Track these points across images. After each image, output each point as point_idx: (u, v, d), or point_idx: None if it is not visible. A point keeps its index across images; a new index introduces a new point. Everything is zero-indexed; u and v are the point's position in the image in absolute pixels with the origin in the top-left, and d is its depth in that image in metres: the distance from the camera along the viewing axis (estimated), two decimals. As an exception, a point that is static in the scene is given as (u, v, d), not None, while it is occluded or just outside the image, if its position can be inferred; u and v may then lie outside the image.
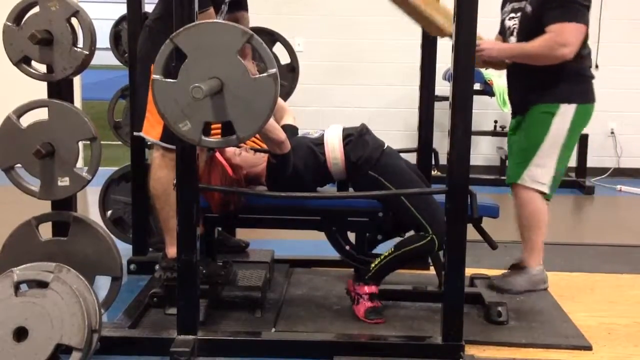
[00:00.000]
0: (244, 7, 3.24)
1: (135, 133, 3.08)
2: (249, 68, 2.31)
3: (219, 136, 2.67)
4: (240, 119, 2.27)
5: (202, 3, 2.71)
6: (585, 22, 3.04)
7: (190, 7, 2.41)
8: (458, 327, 2.57)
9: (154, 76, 2.27)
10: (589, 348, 2.81)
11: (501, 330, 2.94)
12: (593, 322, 3.06)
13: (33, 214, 2.72)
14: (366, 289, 2.96)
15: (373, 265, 2.96)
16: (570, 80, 3.09)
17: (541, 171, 3.09)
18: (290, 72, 3.82)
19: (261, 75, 2.25)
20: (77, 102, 5.60)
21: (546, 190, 3.10)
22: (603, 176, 6.26)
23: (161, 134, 2.86)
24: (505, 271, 3.33)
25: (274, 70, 2.24)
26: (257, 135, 5.70)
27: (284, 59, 3.73)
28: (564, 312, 3.13)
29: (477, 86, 5.50)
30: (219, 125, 2.77)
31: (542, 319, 3.06)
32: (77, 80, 4.60)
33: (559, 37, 2.95)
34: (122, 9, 3.62)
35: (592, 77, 3.19)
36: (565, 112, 3.07)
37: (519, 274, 3.25)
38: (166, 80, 2.27)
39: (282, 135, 2.83)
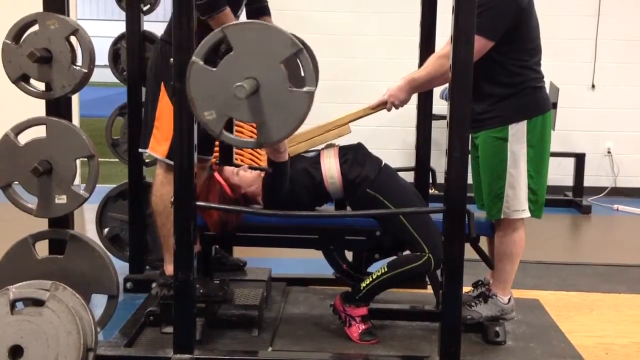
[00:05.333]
0: (268, 13, 3.22)
1: (140, 150, 3.07)
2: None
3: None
4: (266, 125, 2.27)
5: (216, 4, 2.71)
6: (491, 36, 2.76)
7: (189, 15, 2.42)
8: (456, 346, 2.55)
9: (194, 58, 2.27)
10: (587, 368, 2.81)
11: (499, 351, 2.93)
12: (591, 342, 3.06)
13: (30, 232, 2.71)
14: (358, 311, 2.95)
15: (364, 285, 2.93)
16: (514, 95, 2.87)
17: (517, 198, 2.91)
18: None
19: (298, 89, 2.26)
20: (75, 119, 5.60)
21: (528, 214, 2.94)
22: (600, 195, 6.28)
23: (167, 152, 2.86)
24: (470, 291, 3.18)
25: (312, 89, 2.25)
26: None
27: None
28: (561, 332, 3.13)
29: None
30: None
31: (539, 339, 3.05)
32: (75, 98, 4.59)
33: (447, 53, 2.58)
34: (121, 27, 3.64)
35: (540, 86, 2.93)
36: (517, 133, 2.88)
37: (487, 304, 3.04)
38: (205, 66, 2.27)
39: (285, 145, 2.82)
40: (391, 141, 6.13)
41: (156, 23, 3.54)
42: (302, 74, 2.27)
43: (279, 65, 2.24)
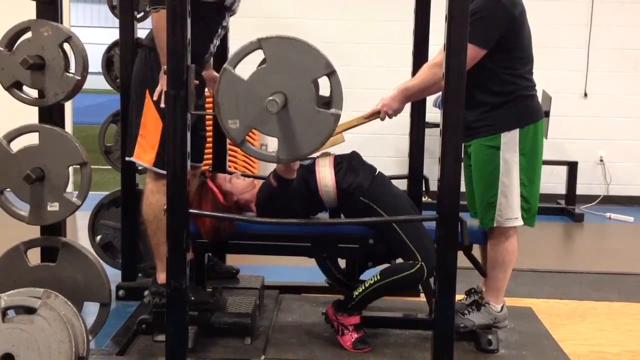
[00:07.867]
0: None
1: (127, 158, 3.06)
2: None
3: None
4: (287, 141, 2.29)
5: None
6: (483, 45, 2.78)
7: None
8: (449, 355, 2.55)
9: (226, 65, 2.28)
10: (579, 376, 2.81)
11: (491, 359, 2.93)
12: (584, 350, 3.06)
13: (22, 239, 2.70)
14: (350, 319, 2.94)
15: (357, 293, 2.92)
16: (507, 104, 2.88)
17: (509, 206, 2.91)
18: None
19: (325, 110, 2.27)
20: (68, 126, 5.60)
21: (521, 222, 2.94)
22: (592, 204, 6.30)
23: (154, 159, 2.86)
24: (463, 299, 3.18)
25: (338, 112, 2.29)
26: (252, 158, 5.59)
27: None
28: (554, 340, 3.13)
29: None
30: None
31: (532, 347, 3.05)
32: (68, 105, 4.60)
33: (440, 61, 2.56)
34: (114, 34, 3.64)
35: (532, 94, 2.95)
36: (509, 141, 2.89)
37: (480, 312, 3.03)
38: (237, 74, 2.29)
39: (298, 163, 2.81)
40: (384, 149, 6.13)
41: (149, 30, 3.54)
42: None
43: (310, 84, 2.25)
